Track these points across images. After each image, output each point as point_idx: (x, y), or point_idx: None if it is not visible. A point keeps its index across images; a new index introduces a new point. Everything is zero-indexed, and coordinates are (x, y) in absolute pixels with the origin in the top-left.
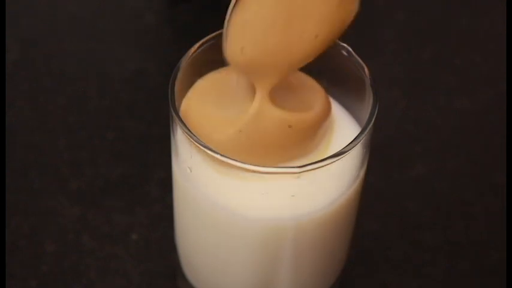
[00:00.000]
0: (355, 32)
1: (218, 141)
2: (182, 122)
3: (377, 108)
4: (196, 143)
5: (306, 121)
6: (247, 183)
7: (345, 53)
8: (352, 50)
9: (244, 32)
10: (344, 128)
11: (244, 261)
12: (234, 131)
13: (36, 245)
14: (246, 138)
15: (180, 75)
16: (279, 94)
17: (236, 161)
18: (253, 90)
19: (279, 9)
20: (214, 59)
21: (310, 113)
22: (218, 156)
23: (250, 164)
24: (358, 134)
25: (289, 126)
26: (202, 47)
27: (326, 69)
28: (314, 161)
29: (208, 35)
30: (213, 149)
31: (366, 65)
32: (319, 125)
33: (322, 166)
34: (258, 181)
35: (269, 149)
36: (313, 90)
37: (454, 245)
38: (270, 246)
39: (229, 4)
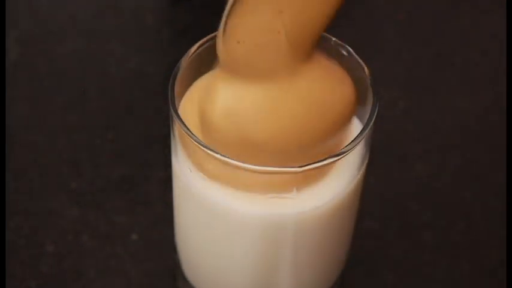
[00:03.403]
0: (355, 31)
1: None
2: (182, 122)
3: (377, 108)
4: (196, 143)
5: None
6: (247, 183)
7: (345, 53)
8: (352, 50)
9: (242, 25)
10: None
11: (244, 262)
12: None
13: (36, 245)
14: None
15: (180, 75)
16: None
17: (236, 161)
18: None
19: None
20: (214, 59)
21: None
22: (218, 156)
23: (250, 164)
24: (358, 134)
25: None
26: (202, 47)
27: None
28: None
29: (208, 35)
30: (213, 149)
31: (366, 65)
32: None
33: (322, 166)
34: (257, 180)
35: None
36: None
37: (454, 245)
38: (270, 246)
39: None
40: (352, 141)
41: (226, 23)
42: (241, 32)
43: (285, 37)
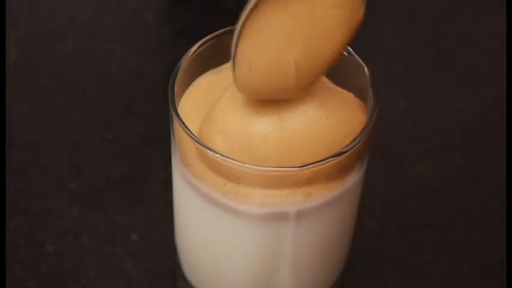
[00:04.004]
0: None
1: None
2: (182, 121)
3: (377, 108)
4: (196, 143)
5: None
6: (247, 183)
7: (345, 53)
8: (352, 50)
9: (251, 51)
10: None
11: (244, 262)
12: None
13: (36, 245)
14: None
15: (180, 75)
16: None
17: (236, 161)
18: None
19: (286, 27)
20: (214, 59)
21: None
22: (218, 156)
23: (250, 164)
24: (359, 134)
25: None
26: (202, 47)
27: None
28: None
29: (208, 35)
30: (213, 149)
31: (366, 65)
32: None
33: (322, 166)
34: (258, 181)
35: None
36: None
37: (454, 245)
38: (270, 246)
39: (234, 31)
40: (352, 141)
41: (237, 46)
42: (252, 58)
43: (294, 68)
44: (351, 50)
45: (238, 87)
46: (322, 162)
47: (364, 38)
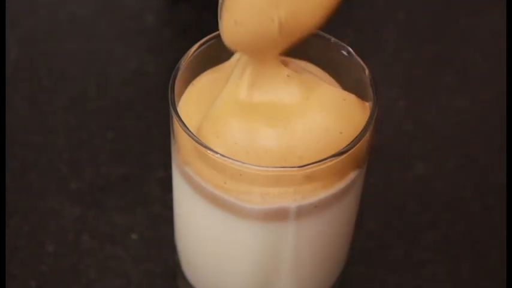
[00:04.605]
0: (355, 31)
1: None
2: (182, 121)
3: (377, 108)
4: (196, 143)
5: None
6: (246, 183)
7: (345, 53)
8: (352, 50)
9: (236, 5)
10: None
11: (244, 261)
12: None
13: (36, 245)
14: None
15: (180, 75)
16: None
17: (236, 161)
18: None
19: None
20: (214, 59)
21: None
22: (218, 156)
23: (250, 164)
24: (359, 134)
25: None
26: (202, 47)
27: (326, 70)
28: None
29: (208, 35)
30: (213, 149)
31: (366, 65)
32: None
33: (322, 166)
34: (258, 180)
35: None
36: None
37: (454, 245)
38: (270, 246)
39: None
40: (352, 141)
41: (224, 1)
42: (238, 12)
43: (278, 27)
44: (351, 50)
45: (225, 39)
46: (322, 161)
47: (364, 38)
